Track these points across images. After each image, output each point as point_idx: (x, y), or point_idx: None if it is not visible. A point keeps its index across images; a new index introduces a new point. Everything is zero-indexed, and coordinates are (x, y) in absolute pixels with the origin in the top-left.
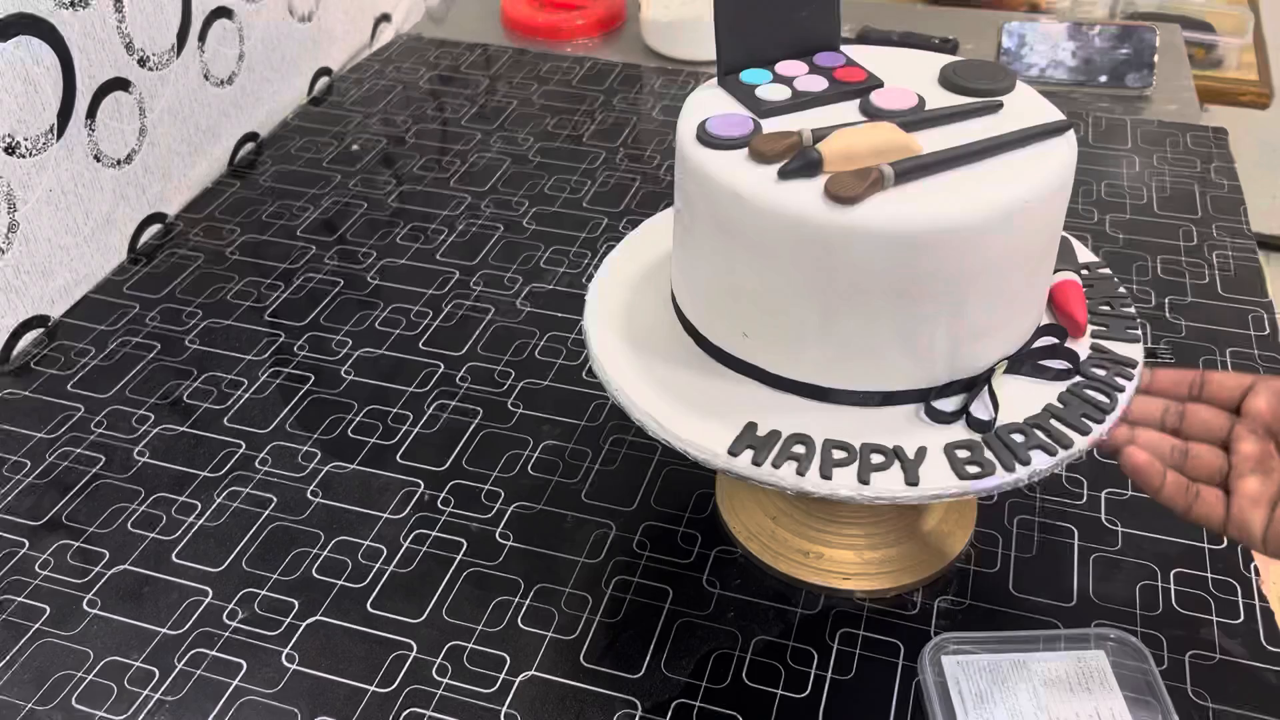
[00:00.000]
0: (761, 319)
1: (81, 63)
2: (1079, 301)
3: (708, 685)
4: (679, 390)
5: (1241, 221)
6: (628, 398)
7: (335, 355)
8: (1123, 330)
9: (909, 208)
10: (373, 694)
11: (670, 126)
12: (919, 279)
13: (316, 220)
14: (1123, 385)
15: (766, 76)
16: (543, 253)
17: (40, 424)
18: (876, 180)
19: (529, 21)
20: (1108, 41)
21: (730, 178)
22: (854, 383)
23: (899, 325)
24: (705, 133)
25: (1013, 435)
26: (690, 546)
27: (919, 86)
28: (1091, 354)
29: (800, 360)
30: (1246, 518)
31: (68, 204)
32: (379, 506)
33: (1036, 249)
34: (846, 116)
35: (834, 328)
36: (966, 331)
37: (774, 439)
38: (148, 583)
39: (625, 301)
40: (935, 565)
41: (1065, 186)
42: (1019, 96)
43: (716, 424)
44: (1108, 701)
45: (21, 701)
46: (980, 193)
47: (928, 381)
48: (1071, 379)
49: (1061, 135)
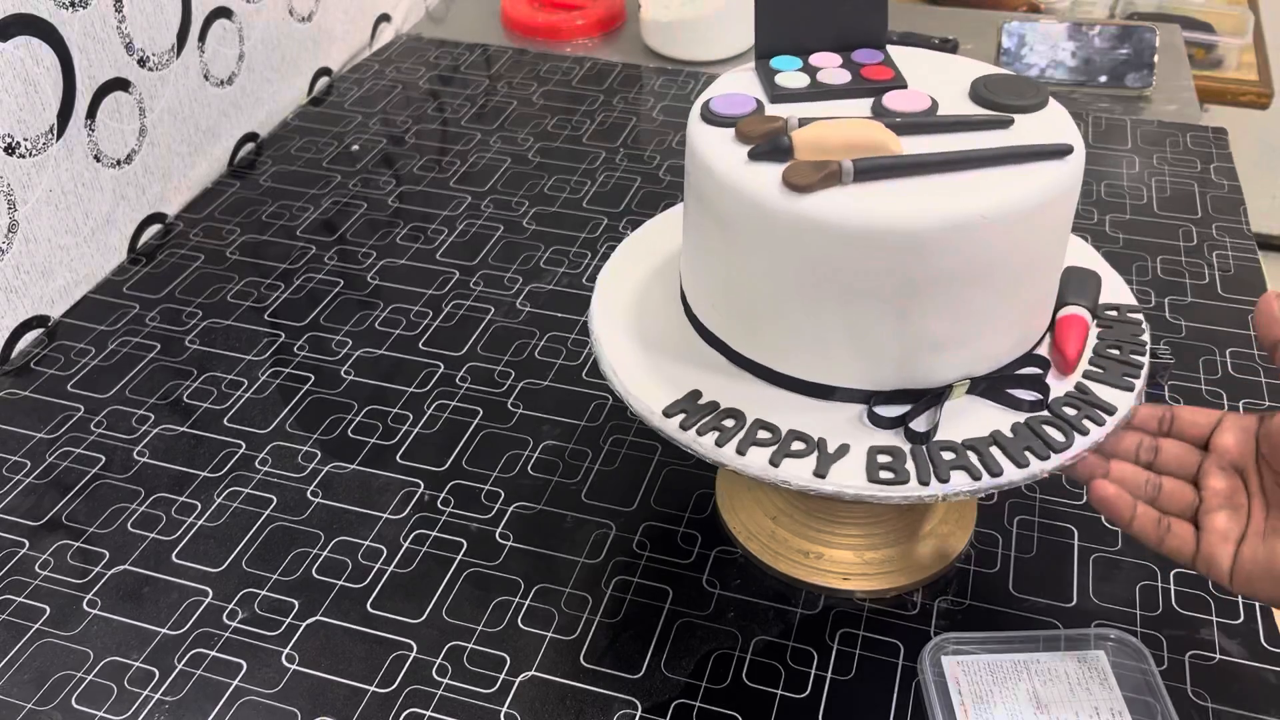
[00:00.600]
0: (725, 294)
1: (81, 63)
2: (1075, 339)
3: (708, 685)
4: (651, 349)
5: (1241, 221)
6: (603, 347)
7: (335, 355)
8: (1118, 376)
9: (859, 204)
10: (373, 694)
11: (670, 126)
12: (863, 277)
13: (316, 220)
14: (1087, 429)
15: (795, 64)
16: (543, 253)
17: (40, 424)
18: (833, 174)
19: (529, 21)
20: (1107, 41)
21: (707, 152)
22: (802, 371)
23: (844, 321)
24: (708, 109)
25: (942, 452)
26: (690, 547)
27: (949, 94)
28: (1072, 393)
29: (755, 341)
30: (1215, 553)
31: (68, 204)
32: (379, 507)
33: (1007, 270)
34: (855, 112)
35: (784, 313)
36: (916, 340)
37: (710, 409)
38: (148, 583)
39: (638, 268)
40: (935, 565)
41: (1046, 209)
42: (1043, 116)
43: (669, 387)
44: (1108, 701)
45: (22, 701)
46: (936, 201)
47: (873, 384)
48: (1037, 412)
49: (1061, 159)
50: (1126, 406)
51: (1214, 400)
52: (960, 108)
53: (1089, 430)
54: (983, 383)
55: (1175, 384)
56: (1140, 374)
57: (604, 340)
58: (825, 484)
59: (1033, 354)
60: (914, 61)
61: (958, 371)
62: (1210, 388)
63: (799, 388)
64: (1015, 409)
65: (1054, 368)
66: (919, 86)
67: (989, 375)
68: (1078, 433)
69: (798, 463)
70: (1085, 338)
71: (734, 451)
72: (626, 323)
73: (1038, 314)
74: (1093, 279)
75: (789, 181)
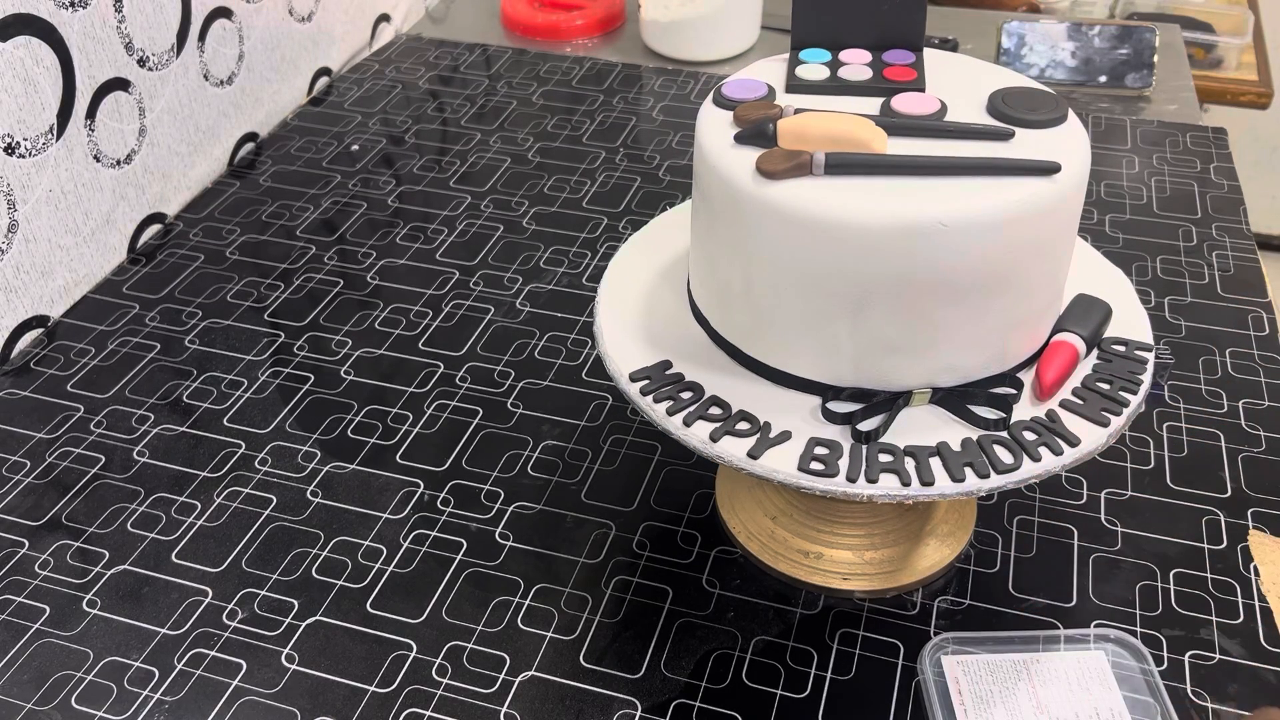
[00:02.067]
0: (709, 273)
1: (81, 63)
2: (1055, 366)
3: (707, 685)
4: (648, 317)
5: (1241, 221)
6: (601, 309)
7: (335, 355)
8: (1096, 410)
9: (818, 196)
10: (372, 694)
11: (670, 126)
12: (819, 269)
13: (316, 220)
14: (1039, 455)
15: (824, 57)
16: (542, 253)
17: (40, 424)
18: (803, 164)
19: (529, 21)
20: (1107, 41)
21: (705, 132)
22: (766, 356)
23: (801, 311)
24: (720, 92)
25: (881, 454)
26: (690, 546)
27: (967, 102)
28: (1040, 419)
29: (729, 322)
30: None
31: (68, 204)
32: (379, 506)
33: (972, 283)
34: (864, 110)
35: (751, 297)
36: (870, 340)
37: (673, 380)
38: (147, 583)
39: (671, 242)
40: (935, 565)
41: (1018, 225)
42: (1055, 132)
43: (648, 354)
44: (1107, 701)
45: (21, 701)
46: (894, 202)
47: (832, 379)
48: (996, 431)
49: (1045, 177)
50: (1096, 441)
51: (1214, 400)
52: (972, 116)
53: (1041, 457)
54: (945, 394)
55: (1175, 384)
56: (1124, 411)
57: (604, 304)
58: (756, 465)
59: (1012, 374)
60: (946, 66)
61: (918, 379)
62: (1210, 388)
63: (762, 372)
64: (974, 425)
65: (1032, 392)
66: (941, 92)
67: (954, 388)
68: (1029, 458)
69: (737, 441)
70: (1070, 366)
71: (681, 422)
72: (634, 293)
73: (1019, 334)
74: (1099, 309)
75: (760, 167)
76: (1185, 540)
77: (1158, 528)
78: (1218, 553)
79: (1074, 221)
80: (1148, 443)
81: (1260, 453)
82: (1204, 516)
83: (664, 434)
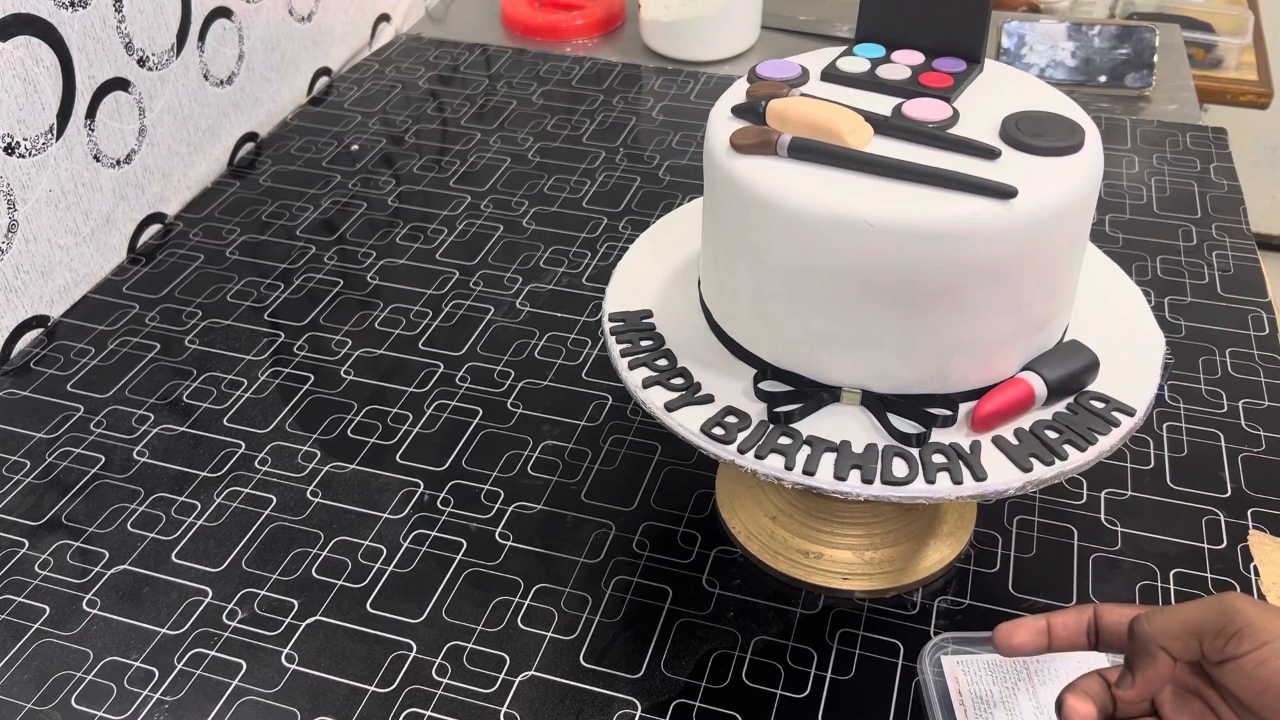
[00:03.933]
0: (703, 236)
1: (81, 63)
2: (999, 401)
3: (707, 685)
4: (661, 282)
5: (1241, 221)
6: (618, 272)
7: (335, 355)
8: (1023, 455)
9: (764, 175)
10: (372, 694)
11: (670, 126)
12: (761, 245)
13: (316, 220)
14: (934, 479)
15: (875, 53)
16: (542, 253)
17: (40, 424)
18: (769, 144)
19: (528, 21)
20: (1107, 41)
21: (720, 102)
22: (725, 323)
23: (749, 285)
24: (754, 71)
25: (782, 437)
26: (690, 546)
27: (988, 118)
28: (958, 445)
29: (706, 289)
30: None
31: (67, 204)
32: (379, 506)
33: (897, 288)
34: (877, 106)
35: (713, 265)
36: (804, 326)
37: (644, 330)
38: (147, 583)
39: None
40: (935, 565)
41: (956, 244)
42: (1056, 162)
43: (634, 301)
44: None
45: (21, 701)
46: (829, 193)
47: (770, 358)
48: (908, 445)
49: (999, 199)
50: (1005, 482)
51: (1214, 400)
52: (982, 133)
53: (936, 480)
54: (874, 399)
55: (1175, 384)
56: (1055, 463)
57: (620, 284)
58: (668, 417)
59: (951, 398)
60: (1002, 81)
61: (850, 377)
62: (1210, 388)
63: (724, 341)
64: (889, 433)
65: (966, 420)
66: (970, 104)
67: (885, 395)
68: (925, 479)
69: (662, 392)
70: (1015, 404)
71: (626, 365)
72: (672, 247)
73: (965, 359)
74: (1081, 357)
75: (731, 140)
76: (1185, 540)
77: (1158, 528)
78: (1218, 553)
79: (1042, 254)
80: (1148, 443)
81: (1260, 453)
82: (1204, 516)
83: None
